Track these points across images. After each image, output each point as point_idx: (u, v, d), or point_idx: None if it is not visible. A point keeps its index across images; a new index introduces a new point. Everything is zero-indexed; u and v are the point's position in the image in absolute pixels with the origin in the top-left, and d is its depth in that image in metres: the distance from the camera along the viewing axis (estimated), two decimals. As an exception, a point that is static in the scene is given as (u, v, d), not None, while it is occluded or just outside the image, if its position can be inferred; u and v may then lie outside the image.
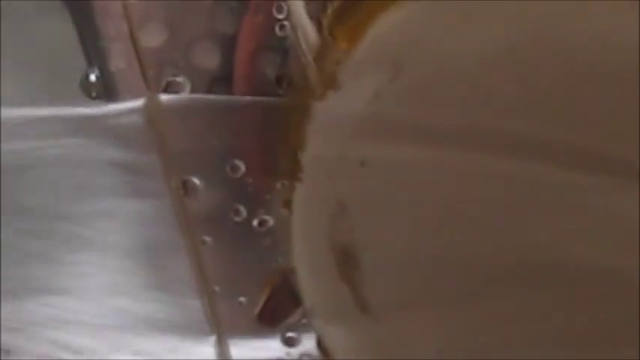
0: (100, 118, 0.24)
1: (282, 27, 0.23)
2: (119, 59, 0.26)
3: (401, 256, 0.23)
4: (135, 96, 0.26)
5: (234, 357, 0.27)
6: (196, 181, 0.25)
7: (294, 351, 0.27)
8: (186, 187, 0.25)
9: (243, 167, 0.24)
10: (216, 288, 0.26)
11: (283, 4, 0.23)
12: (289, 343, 0.27)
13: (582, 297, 0.22)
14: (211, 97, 0.24)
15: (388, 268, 0.24)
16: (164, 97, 0.24)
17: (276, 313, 0.26)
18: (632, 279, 0.21)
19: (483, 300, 0.23)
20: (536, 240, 0.22)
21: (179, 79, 0.24)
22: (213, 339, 0.27)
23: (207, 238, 0.25)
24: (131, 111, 0.24)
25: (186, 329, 0.26)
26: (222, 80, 0.24)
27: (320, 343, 0.26)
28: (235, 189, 0.25)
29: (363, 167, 0.23)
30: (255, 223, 0.25)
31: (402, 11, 0.21)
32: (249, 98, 0.24)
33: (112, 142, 0.25)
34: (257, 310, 0.26)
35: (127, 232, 0.26)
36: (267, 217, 0.25)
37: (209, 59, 0.24)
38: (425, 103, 0.22)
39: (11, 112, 0.25)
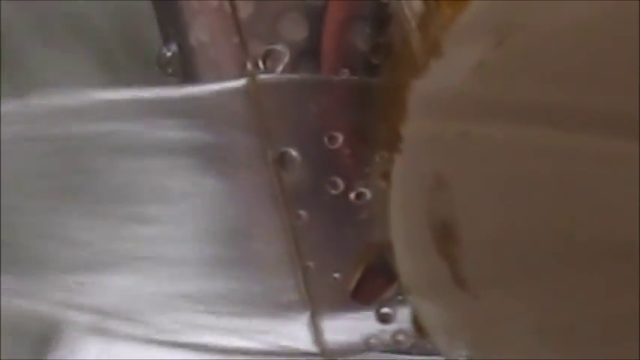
0: (196, 100, 0.24)
1: (385, -6, 0.23)
2: (202, 33, 0.25)
3: (498, 231, 0.23)
4: (218, 70, 0.26)
5: (326, 334, 0.26)
6: (294, 153, 0.24)
7: (389, 328, 0.26)
8: (283, 159, 0.24)
9: (341, 138, 0.24)
10: (310, 264, 0.25)
11: (387, -29, 0.22)
12: (384, 319, 0.26)
13: None
14: (313, 76, 0.24)
15: (486, 244, 0.23)
16: (264, 77, 0.24)
17: (371, 289, 0.26)
18: None
19: (577, 277, 0.23)
20: (621, 217, 0.21)
21: (278, 47, 0.23)
22: (305, 316, 0.26)
23: (303, 213, 0.25)
24: (232, 92, 0.24)
25: (278, 307, 0.26)
26: (309, 52, 0.24)
27: (415, 320, 0.26)
28: (333, 161, 0.24)
29: (464, 139, 0.22)
30: (352, 196, 0.25)
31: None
32: (352, 79, 0.24)
33: (204, 123, 0.24)
34: (351, 286, 0.26)
35: (213, 213, 0.26)
36: (364, 190, 0.25)
37: (297, 31, 0.24)
38: (528, 74, 0.21)
39: (95, 95, 0.25)
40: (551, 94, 0.21)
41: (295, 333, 0.26)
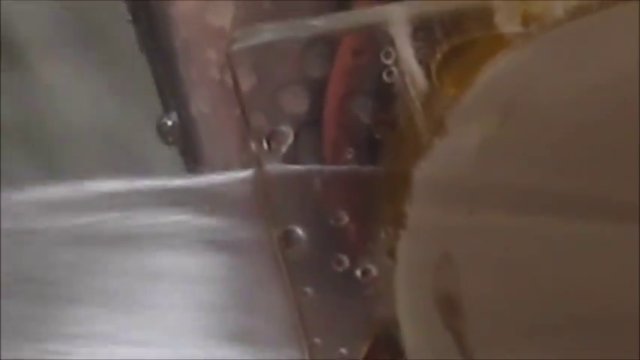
0: (201, 190, 0.24)
1: (389, 73, 0.23)
2: (202, 104, 0.25)
3: (503, 305, 0.23)
4: (220, 141, 0.26)
5: (332, 410, 0.26)
6: (299, 231, 0.24)
7: (395, 403, 0.26)
8: (288, 237, 0.24)
9: (346, 217, 0.24)
10: (317, 340, 0.25)
11: (391, 49, 0.22)
12: (390, 395, 0.26)
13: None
14: (320, 168, 0.24)
15: (491, 316, 0.23)
16: (271, 168, 0.24)
17: (378, 364, 0.26)
18: None
19: (579, 345, 0.22)
20: (616, 293, 0.21)
21: (282, 128, 0.23)
22: (312, 393, 0.26)
23: (308, 289, 0.25)
24: (238, 181, 0.24)
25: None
26: (310, 124, 0.24)
27: (422, 396, 0.26)
28: (338, 238, 0.24)
29: (468, 222, 0.22)
30: (357, 272, 0.25)
31: (514, 54, 0.21)
32: (358, 169, 0.24)
33: (206, 210, 0.25)
34: (358, 362, 0.26)
35: (215, 290, 0.26)
36: (370, 267, 0.24)
37: (298, 104, 0.24)
38: (529, 156, 0.21)
39: (100, 185, 0.25)
40: (550, 179, 0.21)
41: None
